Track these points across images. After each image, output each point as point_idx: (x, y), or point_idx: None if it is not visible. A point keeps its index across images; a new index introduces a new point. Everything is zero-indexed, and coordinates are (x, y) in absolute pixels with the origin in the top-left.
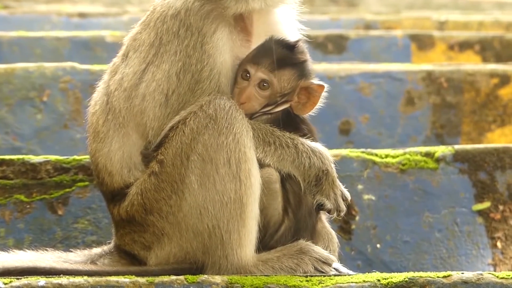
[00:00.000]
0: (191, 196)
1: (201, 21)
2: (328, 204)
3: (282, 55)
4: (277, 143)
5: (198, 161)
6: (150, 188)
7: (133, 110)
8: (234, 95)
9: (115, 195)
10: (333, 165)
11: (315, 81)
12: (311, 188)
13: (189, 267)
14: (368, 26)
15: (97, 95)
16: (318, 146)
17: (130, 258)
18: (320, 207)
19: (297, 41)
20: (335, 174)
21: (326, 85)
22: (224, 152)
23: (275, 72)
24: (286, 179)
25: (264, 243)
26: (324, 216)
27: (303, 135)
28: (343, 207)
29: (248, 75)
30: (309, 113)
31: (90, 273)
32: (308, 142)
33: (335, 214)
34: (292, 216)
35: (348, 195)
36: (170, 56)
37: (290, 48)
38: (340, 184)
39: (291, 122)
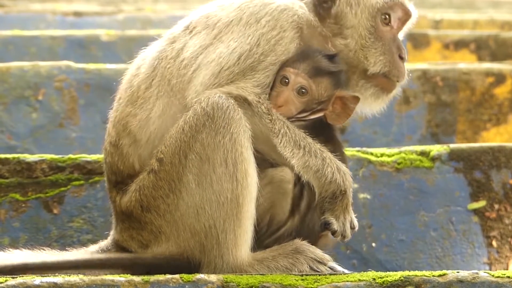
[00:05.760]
0: (188, 195)
1: (288, 24)
2: (335, 226)
3: (322, 63)
4: (306, 148)
5: (195, 160)
6: (148, 185)
7: (184, 79)
8: (271, 98)
9: (118, 182)
10: (351, 190)
11: (350, 92)
12: (324, 204)
13: (182, 260)
14: None
15: (143, 59)
16: (344, 166)
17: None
18: (326, 226)
19: (336, 53)
20: (351, 200)
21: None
22: (221, 151)
23: (314, 79)
24: (305, 186)
25: (262, 240)
26: None
27: (334, 147)
28: (349, 234)
29: (287, 80)
30: (342, 124)
31: (80, 263)
32: (336, 159)
33: (339, 238)
34: (298, 221)
35: (356, 224)
36: (241, 36)
37: (329, 57)
38: (352, 212)
39: (323, 132)
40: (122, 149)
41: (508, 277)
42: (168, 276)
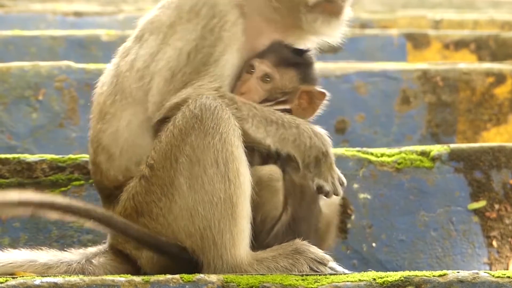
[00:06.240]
0: (181, 198)
1: (226, 8)
2: (327, 187)
3: (289, 54)
4: (279, 121)
5: (186, 163)
6: (141, 191)
7: (144, 90)
8: (236, 87)
9: (108, 195)
10: (331, 149)
11: (318, 88)
12: (309, 170)
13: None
14: (364, 25)
15: (105, 77)
16: (318, 128)
17: (123, 257)
18: (319, 190)
19: (308, 49)
20: (333, 158)
21: (328, 93)
22: (211, 152)
23: (278, 68)
24: (288, 173)
25: (261, 240)
26: None
27: None
28: (340, 190)
29: (252, 69)
30: (309, 119)
31: (104, 217)
32: (309, 124)
33: (332, 197)
34: (291, 211)
35: (344, 179)
36: (185, 34)
37: (297, 51)
38: (337, 169)
39: None
40: (100, 165)
41: (508, 277)
42: (168, 276)
